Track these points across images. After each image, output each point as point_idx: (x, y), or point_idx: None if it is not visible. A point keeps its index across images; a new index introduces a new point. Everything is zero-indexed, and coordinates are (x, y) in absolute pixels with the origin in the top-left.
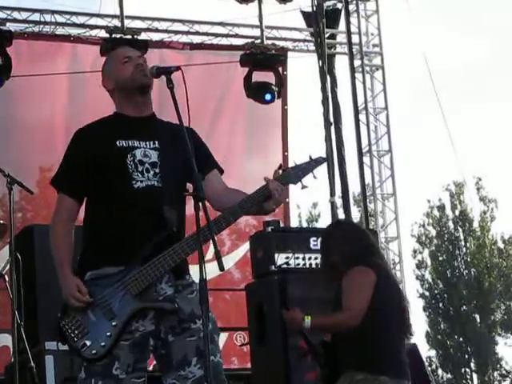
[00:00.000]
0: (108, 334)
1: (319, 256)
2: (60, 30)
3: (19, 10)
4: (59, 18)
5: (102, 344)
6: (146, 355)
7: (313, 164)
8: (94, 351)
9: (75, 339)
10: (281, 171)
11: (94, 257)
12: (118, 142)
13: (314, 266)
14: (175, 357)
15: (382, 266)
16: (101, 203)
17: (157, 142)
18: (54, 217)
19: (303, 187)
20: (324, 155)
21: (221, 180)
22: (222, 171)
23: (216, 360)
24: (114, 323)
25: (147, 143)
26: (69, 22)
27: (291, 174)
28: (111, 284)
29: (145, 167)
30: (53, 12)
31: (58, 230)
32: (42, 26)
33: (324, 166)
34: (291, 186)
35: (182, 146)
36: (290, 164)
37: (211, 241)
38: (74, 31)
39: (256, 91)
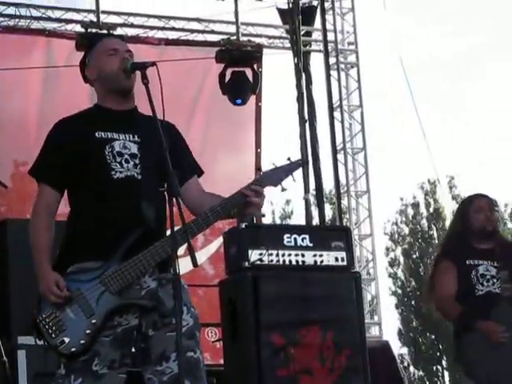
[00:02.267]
0: (88, 331)
1: (294, 253)
2: (35, 24)
3: None
4: (34, 12)
5: (82, 342)
6: (131, 350)
7: (292, 166)
8: (73, 349)
9: (53, 335)
10: (260, 173)
11: (72, 250)
12: (96, 134)
13: (287, 262)
14: (154, 351)
15: None
16: (80, 196)
17: (136, 136)
18: (34, 208)
19: (283, 190)
20: (299, 156)
21: (199, 185)
22: (202, 172)
23: (196, 356)
24: (93, 321)
25: (127, 136)
26: (44, 16)
27: (271, 176)
28: (90, 279)
29: (124, 158)
30: (28, 6)
31: (38, 221)
32: (16, 20)
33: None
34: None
35: (159, 141)
36: (264, 163)
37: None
38: (49, 25)
39: (230, 88)
